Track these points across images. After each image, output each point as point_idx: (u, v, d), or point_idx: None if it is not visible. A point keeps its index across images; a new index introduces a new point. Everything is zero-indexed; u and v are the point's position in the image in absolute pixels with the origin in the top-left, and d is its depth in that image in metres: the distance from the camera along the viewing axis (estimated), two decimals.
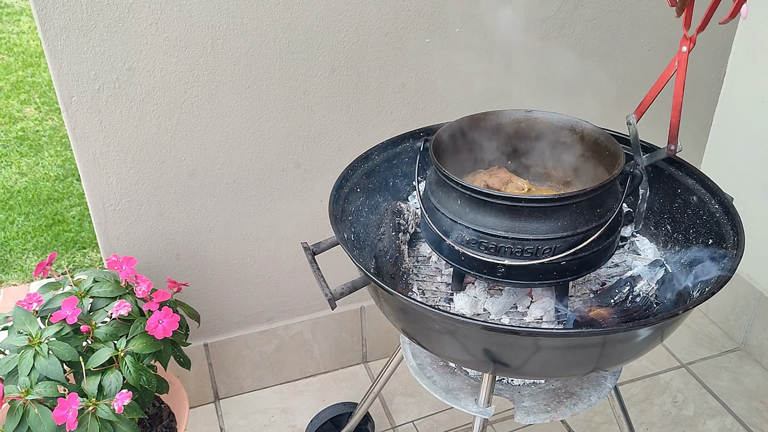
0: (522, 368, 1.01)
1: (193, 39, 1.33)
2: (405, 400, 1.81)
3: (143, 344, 1.23)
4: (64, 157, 2.98)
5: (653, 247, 1.25)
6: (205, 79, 1.38)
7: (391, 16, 1.45)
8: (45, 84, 3.59)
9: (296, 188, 1.58)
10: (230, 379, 1.79)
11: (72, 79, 1.28)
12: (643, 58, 1.72)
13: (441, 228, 1.08)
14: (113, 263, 1.33)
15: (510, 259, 1.02)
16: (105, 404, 1.15)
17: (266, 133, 1.48)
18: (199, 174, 1.47)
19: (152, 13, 1.28)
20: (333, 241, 1.15)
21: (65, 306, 1.22)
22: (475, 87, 1.60)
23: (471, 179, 1.20)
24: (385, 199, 1.30)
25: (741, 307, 1.97)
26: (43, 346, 1.17)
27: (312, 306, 1.77)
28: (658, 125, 1.26)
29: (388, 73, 1.51)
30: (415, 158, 1.27)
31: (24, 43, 4.02)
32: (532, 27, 1.58)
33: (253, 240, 1.60)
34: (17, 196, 2.72)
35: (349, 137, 1.56)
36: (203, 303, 1.63)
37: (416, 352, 1.27)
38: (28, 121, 3.26)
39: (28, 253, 2.43)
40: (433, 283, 1.21)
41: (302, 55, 1.42)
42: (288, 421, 1.75)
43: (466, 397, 1.17)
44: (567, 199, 0.99)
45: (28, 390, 1.13)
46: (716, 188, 1.15)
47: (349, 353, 1.90)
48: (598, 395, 1.18)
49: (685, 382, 1.87)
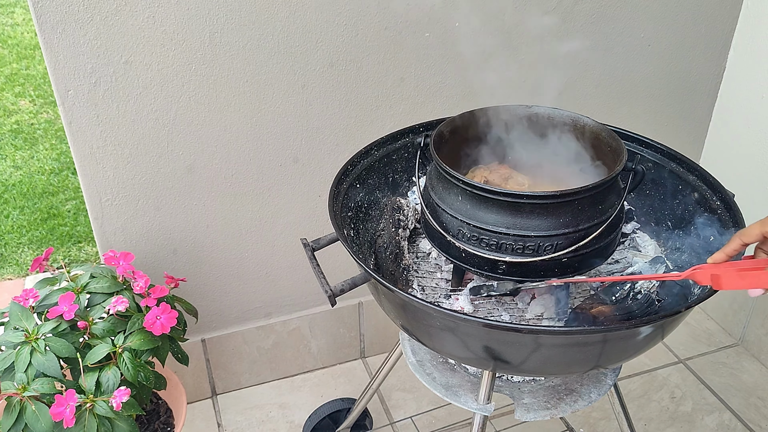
0: (522, 365, 1.01)
1: (191, 32, 1.32)
2: (403, 396, 1.81)
3: (141, 340, 1.22)
4: (60, 150, 2.96)
5: (654, 243, 1.24)
6: (203, 73, 1.36)
7: (390, 10, 1.44)
8: (40, 76, 3.56)
9: (295, 183, 1.57)
10: (228, 375, 1.78)
11: (68, 72, 1.27)
12: (643, 53, 1.71)
13: (441, 224, 1.07)
14: (110, 258, 1.32)
15: (511, 256, 1.02)
16: (103, 401, 1.14)
17: (264, 127, 1.47)
18: (197, 169, 1.46)
19: (149, 6, 1.27)
20: (332, 238, 1.14)
21: (62, 302, 1.21)
22: (475, 82, 1.59)
23: (471, 175, 1.19)
24: (385, 194, 1.29)
25: (739, 303, 1.97)
26: (40, 342, 1.16)
27: (310, 301, 1.77)
28: (653, 116, 1.24)
29: (387, 67, 1.50)
30: (415, 153, 1.27)
31: (18, 35, 3.99)
32: (532, 21, 1.57)
33: (251, 235, 1.59)
34: (12, 190, 2.70)
35: (348, 132, 1.55)
36: (201, 298, 1.62)
37: (416, 348, 1.27)
38: (22, 113, 3.24)
39: (24, 247, 2.41)
40: (432, 280, 1.21)
41: (300, 49, 1.41)
42: (286, 416, 1.75)
43: (465, 394, 1.16)
44: (568, 195, 0.98)
45: (25, 386, 1.12)
46: (718, 185, 1.15)
47: (347, 348, 1.89)
48: (598, 392, 1.18)
49: (683, 377, 1.87)
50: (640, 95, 1.79)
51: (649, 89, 1.78)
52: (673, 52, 1.73)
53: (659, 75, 1.76)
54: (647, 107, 1.81)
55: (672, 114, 1.85)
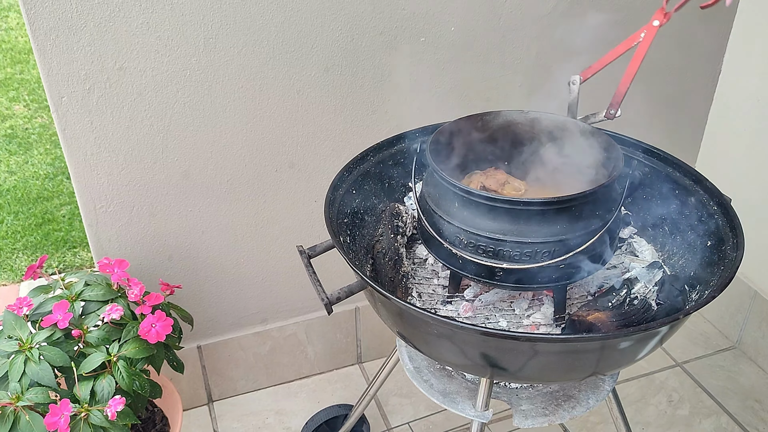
0: (520, 372, 1.00)
1: (186, 38, 1.31)
2: (400, 401, 1.80)
3: (136, 348, 1.21)
4: (54, 155, 2.95)
5: (651, 248, 1.24)
6: (198, 79, 1.36)
7: (386, 15, 1.43)
8: (34, 81, 3.54)
9: (290, 189, 1.56)
10: (224, 381, 1.77)
11: (62, 78, 1.26)
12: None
13: (438, 231, 1.07)
14: (105, 266, 1.31)
15: (508, 263, 1.01)
16: (98, 410, 1.13)
17: (260, 133, 1.47)
18: (192, 174, 1.45)
19: (143, 12, 1.26)
20: (329, 245, 1.13)
21: (56, 310, 1.20)
22: (472, 87, 1.59)
23: (468, 181, 1.18)
24: (381, 200, 1.29)
25: (735, 306, 1.97)
26: (33, 351, 1.15)
27: (306, 307, 1.76)
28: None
29: (383, 72, 1.50)
30: (411, 159, 1.26)
31: (12, 40, 3.98)
32: (528, 25, 1.56)
33: (247, 241, 1.59)
34: (6, 195, 2.68)
35: (344, 137, 1.54)
36: (196, 305, 1.61)
37: (413, 354, 1.26)
38: (16, 118, 3.22)
39: (18, 253, 2.40)
40: (429, 286, 1.20)
41: (296, 54, 1.41)
42: (282, 422, 1.74)
43: (463, 400, 1.16)
44: (565, 201, 0.98)
45: (19, 396, 1.11)
46: (715, 189, 1.15)
47: (343, 354, 1.88)
48: (596, 398, 1.17)
49: (681, 381, 1.87)
50: (636, 100, 1.79)
51: (644, 94, 1.78)
52: (669, 56, 1.73)
53: (655, 80, 1.76)
54: (643, 112, 1.81)
55: (668, 119, 1.85)
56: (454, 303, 1.16)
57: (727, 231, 1.08)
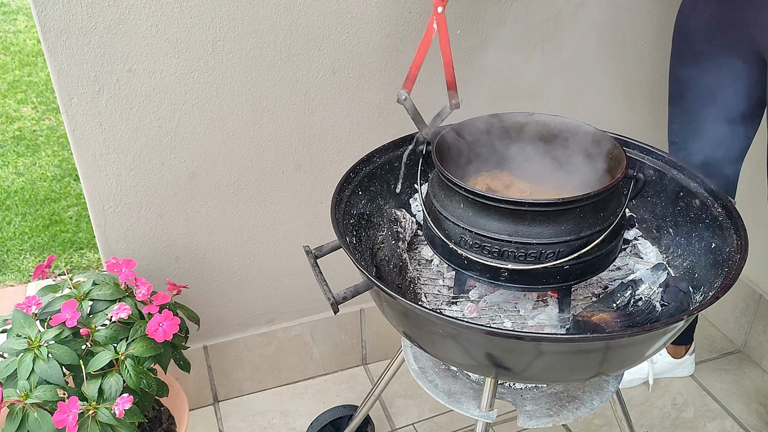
0: (524, 372, 1.01)
1: (194, 40, 1.32)
2: (405, 402, 1.81)
3: (143, 347, 1.22)
4: (62, 156, 2.97)
5: (655, 250, 1.24)
6: (206, 81, 1.37)
7: (393, 18, 1.45)
8: (42, 83, 3.57)
9: (297, 190, 1.57)
10: (230, 382, 1.78)
11: (72, 80, 1.28)
12: (643, 60, 1.72)
13: (443, 231, 1.08)
14: (113, 266, 1.32)
15: (513, 263, 1.02)
16: (105, 408, 1.14)
17: (266, 134, 1.48)
18: (199, 176, 1.47)
19: (153, 14, 1.27)
20: (335, 245, 1.14)
21: (65, 309, 1.21)
22: (477, 90, 1.60)
23: (473, 182, 1.19)
24: (387, 202, 1.29)
25: (741, 309, 1.97)
26: (42, 349, 1.16)
27: (312, 308, 1.77)
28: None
29: (389, 74, 1.51)
30: (417, 161, 1.27)
31: (21, 43, 4.01)
32: (534, 27, 1.57)
33: (253, 242, 1.60)
34: (14, 197, 2.70)
35: (350, 139, 1.55)
36: (203, 305, 1.62)
37: (418, 355, 1.27)
38: (25, 120, 3.25)
39: (26, 254, 2.42)
40: (434, 287, 1.21)
41: (303, 57, 1.42)
42: (288, 423, 1.75)
43: (468, 400, 1.16)
44: (570, 202, 0.99)
45: (28, 394, 1.12)
46: (719, 191, 1.15)
47: (348, 355, 1.89)
48: (600, 399, 1.18)
49: (685, 384, 1.87)
50: (641, 103, 1.80)
51: (649, 97, 1.79)
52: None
53: (659, 83, 1.77)
54: (648, 115, 1.82)
55: None
56: (459, 304, 1.16)
57: (732, 233, 1.09)
